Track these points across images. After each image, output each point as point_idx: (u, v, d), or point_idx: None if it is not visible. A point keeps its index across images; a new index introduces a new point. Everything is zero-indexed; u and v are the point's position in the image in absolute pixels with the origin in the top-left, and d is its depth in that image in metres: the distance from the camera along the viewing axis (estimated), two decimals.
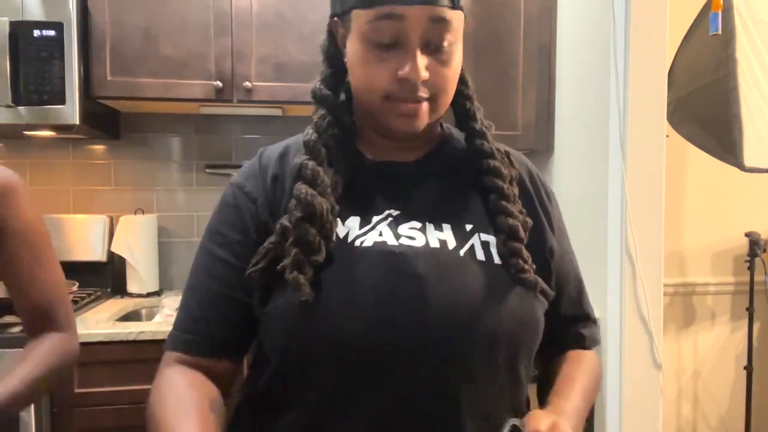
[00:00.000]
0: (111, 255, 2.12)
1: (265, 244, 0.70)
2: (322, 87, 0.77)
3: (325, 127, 0.74)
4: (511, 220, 0.73)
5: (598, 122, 1.85)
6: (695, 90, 2.08)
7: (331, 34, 0.77)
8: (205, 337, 0.74)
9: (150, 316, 1.99)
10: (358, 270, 0.68)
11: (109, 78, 1.88)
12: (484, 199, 0.76)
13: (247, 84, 1.93)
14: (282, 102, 2.00)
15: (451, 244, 0.71)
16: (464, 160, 0.79)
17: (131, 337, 1.62)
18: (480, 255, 0.71)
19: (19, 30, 1.73)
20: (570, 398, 0.73)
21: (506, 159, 0.79)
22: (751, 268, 2.36)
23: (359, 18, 0.69)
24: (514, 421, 0.65)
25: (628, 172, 1.72)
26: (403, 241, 0.70)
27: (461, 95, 0.79)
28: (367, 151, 0.78)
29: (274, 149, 0.80)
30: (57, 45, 1.75)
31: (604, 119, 1.81)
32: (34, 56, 1.74)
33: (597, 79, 1.86)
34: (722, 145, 2.01)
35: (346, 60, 0.74)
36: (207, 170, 2.27)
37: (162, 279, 2.22)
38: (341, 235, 0.71)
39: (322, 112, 0.76)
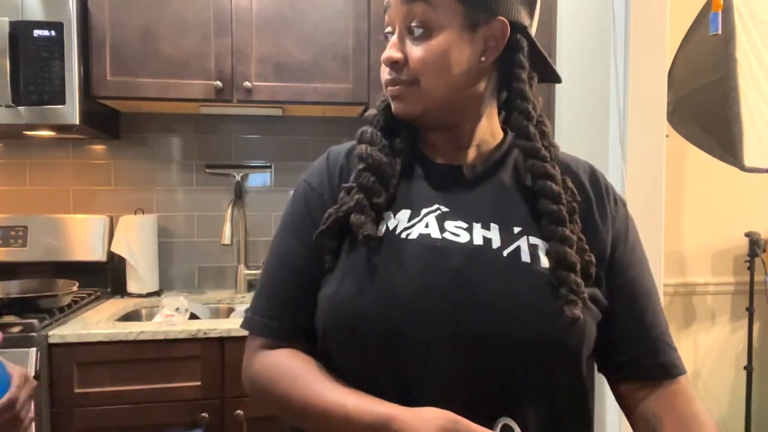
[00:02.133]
0: (111, 255, 2.12)
1: (330, 210, 0.74)
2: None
3: (377, 121, 0.79)
4: (557, 246, 0.70)
5: (598, 122, 1.85)
6: (695, 90, 2.08)
7: None
8: (285, 323, 0.76)
9: (150, 316, 1.99)
10: (399, 260, 0.70)
11: (109, 78, 1.88)
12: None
13: (247, 84, 1.93)
14: (282, 102, 2.00)
15: (496, 243, 0.71)
16: (524, 170, 0.77)
17: (131, 337, 1.62)
18: (525, 257, 0.70)
19: (19, 30, 1.73)
20: None
21: (563, 178, 0.76)
22: (751, 268, 2.36)
23: None
24: (506, 419, 0.64)
25: (628, 172, 1.72)
26: (447, 235, 0.71)
27: (517, 110, 0.75)
28: (431, 154, 0.80)
29: (342, 146, 0.83)
30: (57, 45, 1.75)
31: (604, 119, 1.81)
32: (34, 56, 1.74)
33: (597, 79, 1.86)
34: (722, 145, 2.01)
35: None
36: (207, 170, 2.28)
37: (162, 279, 2.22)
38: (391, 227, 0.73)
39: (374, 111, 0.80)
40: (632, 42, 1.72)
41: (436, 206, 0.74)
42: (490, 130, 0.80)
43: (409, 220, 0.73)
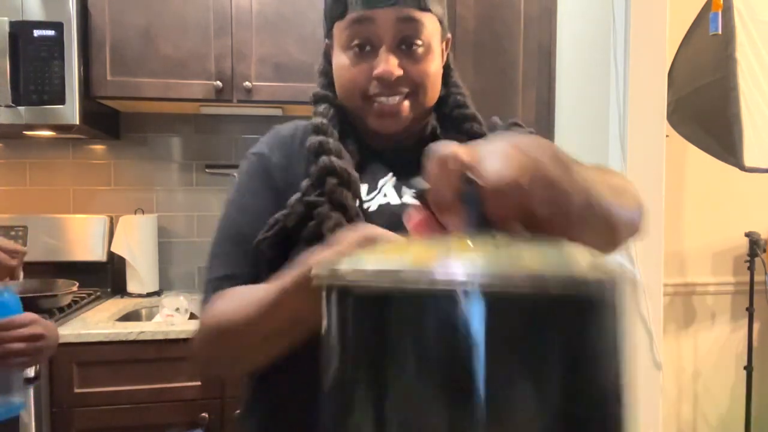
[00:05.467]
0: (111, 255, 2.12)
1: (276, 215, 0.73)
2: (320, 90, 0.85)
3: (332, 114, 0.81)
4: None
5: (598, 122, 1.85)
6: (695, 90, 2.08)
7: (327, 56, 0.85)
8: (245, 276, 0.74)
9: (150, 316, 1.99)
10: None
11: (109, 78, 1.88)
12: None
13: (247, 84, 1.93)
14: (282, 102, 2.00)
15: None
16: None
17: (131, 337, 1.62)
18: None
19: (19, 30, 1.73)
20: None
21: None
22: (751, 268, 2.36)
23: (338, 29, 0.77)
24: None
25: (628, 172, 1.72)
26: (406, 200, 0.75)
27: (454, 93, 0.85)
28: (372, 143, 0.83)
29: (288, 124, 0.86)
30: (57, 45, 1.75)
31: (604, 119, 1.81)
32: (34, 56, 1.74)
33: (597, 79, 1.85)
34: (722, 145, 2.01)
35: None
36: (207, 170, 2.27)
37: (162, 279, 2.22)
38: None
39: (324, 104, 0.82)
40: (632, 42, 1.72)
41: (390, 174, 0.79)
42: (426, 125, 0.85)
43: (368, 193, 0.77)
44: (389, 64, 0.74)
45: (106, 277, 2.15)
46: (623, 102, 1.74)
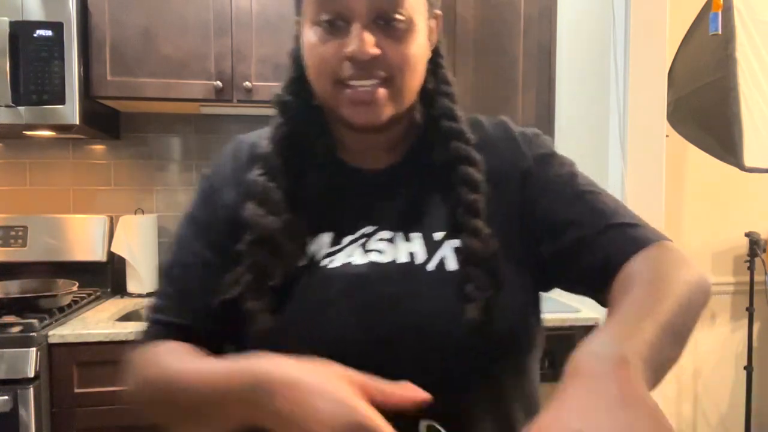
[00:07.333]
0: (111, 255, 2.12)
1: (230, 274, 0.67)
2: (283, 93, 0.75)
3: (280, 138, 0.72)
4: (468, 239, 0.67)
5: (598, 122, 1.85)
6: (695, 90, 2.09)
7: (297, 38, 0.73)
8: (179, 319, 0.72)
9: None
10: (324, 295, 0.65)
11: (109, 78, 1.88)
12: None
13: (247, 84, 1.93)
14: None
15: (420, 257, 0.67)
16: (440, 164, 0.72)
17: (131, 337, 1.62)
18: (451, 264, 0.66)
19: (19, 30, 1.73)
20: (608, 329, 0.52)
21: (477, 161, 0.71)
22: (751, 268, 2.36)
23: (307, 2, 0.67)
24: (427, 421, 0.58)
25: (628, 172, 1.72)
26: (372, 257, 0.67)
27: (443, 94, 0.74)
28: (345, 156, 0.75)
29: (247, 138, 0.78)
30: (57, 45, 1.75)
31: (604, 119, 1.81)
32: (34, 56, 1.74)
33: (597, 79, 1.86)
34: (722, 145, 2.01)
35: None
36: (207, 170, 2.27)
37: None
38: (310, 254, 0.68)
39: (279, 120, 0.73)
40: (632, 42, 1.72)
41: (359, 233, 0.69)
42: (414, 123, 0.75)
43: (332, 244, 0.68)
44: (363, 42, 0.62)
45: (106, 277, 2.15)
46: (623, 102, 1.74)
